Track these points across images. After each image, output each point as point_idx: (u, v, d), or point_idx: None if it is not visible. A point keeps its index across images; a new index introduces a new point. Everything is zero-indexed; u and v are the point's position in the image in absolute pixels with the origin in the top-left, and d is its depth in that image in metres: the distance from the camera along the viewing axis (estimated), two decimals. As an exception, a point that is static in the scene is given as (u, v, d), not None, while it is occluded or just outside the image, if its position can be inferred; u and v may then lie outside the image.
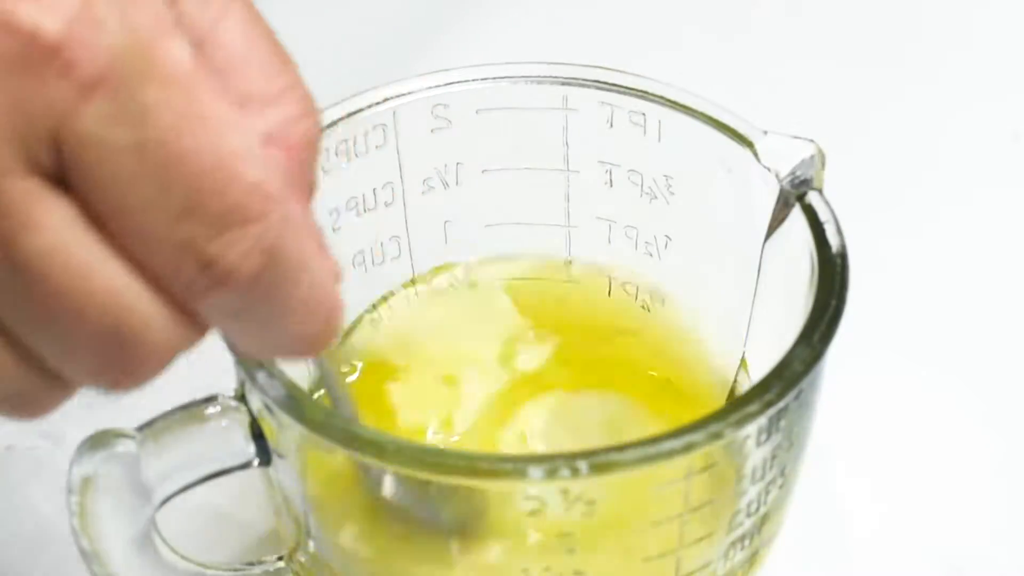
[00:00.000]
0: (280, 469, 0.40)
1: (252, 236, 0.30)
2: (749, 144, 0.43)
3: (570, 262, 0.48)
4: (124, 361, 0.31)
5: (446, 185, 0.46)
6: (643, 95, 0.45)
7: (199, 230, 0.30)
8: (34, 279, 0.30)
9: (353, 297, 0.46)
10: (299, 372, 0.44)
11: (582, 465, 0.36)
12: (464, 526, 0.40)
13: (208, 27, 0.31)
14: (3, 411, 0.33)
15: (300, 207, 0.32)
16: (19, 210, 0.29)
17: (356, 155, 0.45)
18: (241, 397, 0.39)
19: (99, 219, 0.30)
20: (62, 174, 0.30)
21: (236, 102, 0.31)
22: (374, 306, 0.47)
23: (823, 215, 0.42)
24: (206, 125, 0.30)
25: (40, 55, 0.29)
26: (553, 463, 0.36)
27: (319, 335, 0.33)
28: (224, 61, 0.31)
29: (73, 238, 0.30)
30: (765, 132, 0.43)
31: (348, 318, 0.47)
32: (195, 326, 0.32)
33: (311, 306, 0.32)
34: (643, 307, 0.48)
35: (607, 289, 0.48)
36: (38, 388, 0.32)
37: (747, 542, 0.41)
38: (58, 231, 0.30)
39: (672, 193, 0.45)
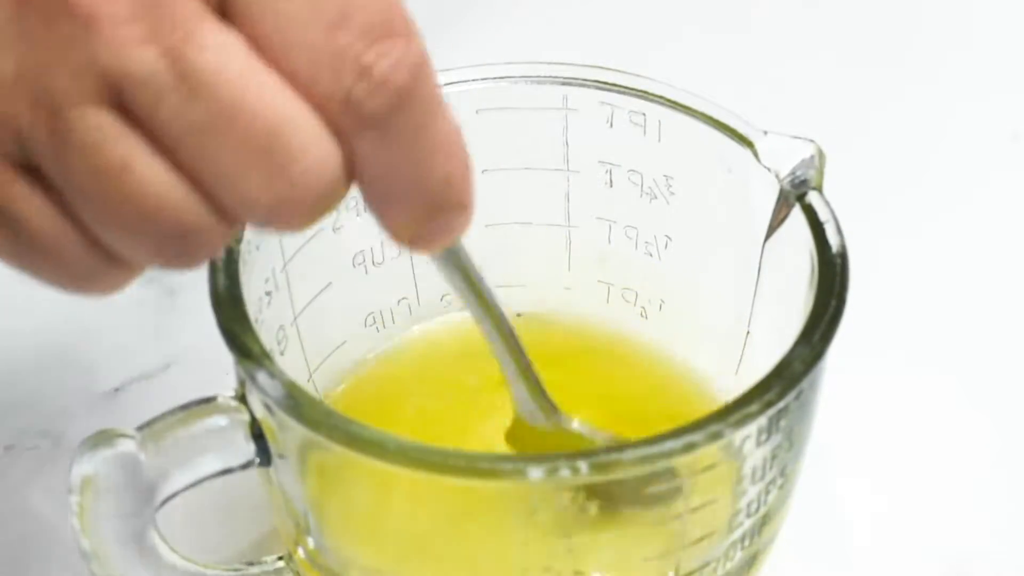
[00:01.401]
0: (280, 469, 0.40)
1: (400, 49, 0.32)
2: (749, 144, 0.43)
3: (569, 268, 0.48)
4: (289, 174, 0.32)
5: (446, 185, 0.46)
6: (643, 95, 0.45)
7: (353, 40, 0.32)
8: (201, 92, 0.31)
9: (353, 297, 0.47)
10: (300, 374, 0.44)
11: (582, 465, 0.36)
12: None
13: None
14: (170, 255, 0.33)
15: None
16: (189, 25, 0.31)
17: (356, 155, 0.45)
18: (241, 397, 0.39)
19: (259, 43, 0.32)
20: (226, 7, 0.32)
21: None
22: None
23: (823, 215, 0.42)
24: None
25: None
26: (553, 463, 0.36)
27: (461, 180, 0.34)
28: None
29: (236, 54, 0.32)
30: (765, 132, 0.43)
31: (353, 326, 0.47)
32: (346, 162, 0.33)
33: (452, 144, 0.34)
34: (641, 315, 0.48)
35: (606, 297, 0.48)
36: (205, 224, 0.33)
37: (747, 542, 0.41)
38: (223, 49, 0.31)
39: (672, 193, 0.45)
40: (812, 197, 0.42)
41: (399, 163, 0.33)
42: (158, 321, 0.53)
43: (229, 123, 0.31)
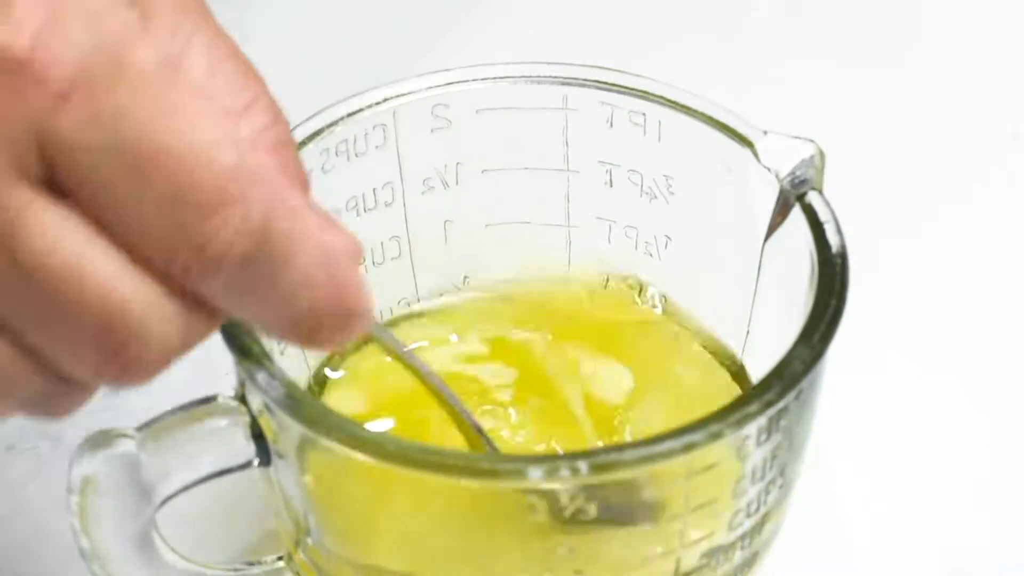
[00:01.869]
0: (280, 469, 0.40)
1: (238, 217, 0.31)
2: (749, 144, 0.43)
3: (568, 266, 0.48)
4: (127, 353, 0.32)
5: (446, 185, 0.46)
6: (643, 95, 0.45)
7: (187, 216, 0.31)
8: (34, 278, 0.31)
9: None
10: (300, 374, 0.44)
11: (582, 465, 0.36)
12: None
13: (177, 52, 0.32)
14: (31, 413, 0.34)
15: (295, 192, 0.32)
16: (14, 214, 0.31)
17: (356, 155, 0.45)
18: (241, 397, 0.39)
19: (94, 218, 0.31)
20: (53, 180, 0.31)
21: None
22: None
23: (823, 215, 0.42)
24: (178, 119, 0.31)
25: (12, 69, 0.30)
26: (553, 463, 0.36)
27: (336, 311, 0.33)
28: (193, 81, 0.33)
29: (68, 235, 0.31)
30: (765, 132, 0.43)
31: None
32: (200, 317, 0.33)
33: (317, 271, 0.32)
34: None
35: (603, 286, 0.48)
36: (57, 391, 0.33)
37: (747, 542, 0.41)
38: (52, 231, 0.31)
39: (672, 193, 0.45)
40: (812, 197, 0.42)
41: (257, 311, 0.33)
42: (158, 321, 0.53)
43: (64, 306, 0.31)
